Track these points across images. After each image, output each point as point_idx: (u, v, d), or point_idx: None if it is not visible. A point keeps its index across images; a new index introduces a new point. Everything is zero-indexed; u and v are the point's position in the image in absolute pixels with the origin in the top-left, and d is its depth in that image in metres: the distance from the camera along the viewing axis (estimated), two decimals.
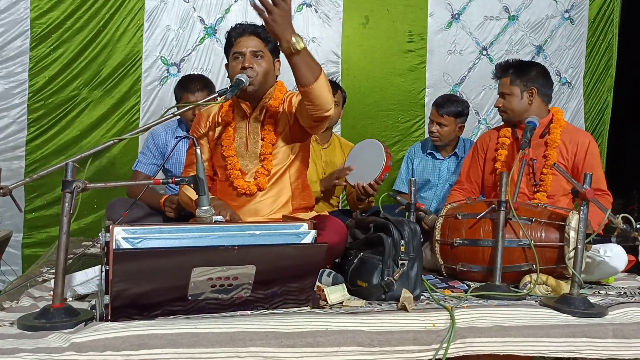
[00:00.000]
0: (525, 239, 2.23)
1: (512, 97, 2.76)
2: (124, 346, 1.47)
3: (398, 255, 1.98)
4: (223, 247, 1.64)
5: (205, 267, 1.62)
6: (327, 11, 4.20)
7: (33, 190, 3.77)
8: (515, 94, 2.75)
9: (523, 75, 2.76)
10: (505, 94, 2.78)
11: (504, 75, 2.81)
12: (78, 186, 1.64)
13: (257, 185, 2.33)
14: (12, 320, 1.64)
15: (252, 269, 1.68)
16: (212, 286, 1.67)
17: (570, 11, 4.55)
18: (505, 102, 2.78)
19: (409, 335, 1.66)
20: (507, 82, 2.78)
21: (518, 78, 2.76)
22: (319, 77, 2.03)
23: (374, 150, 2.86)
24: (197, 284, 1.65)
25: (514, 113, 2.77)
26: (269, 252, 1.72)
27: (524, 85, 2.75)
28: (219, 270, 1.64)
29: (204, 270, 1.63)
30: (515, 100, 2.75)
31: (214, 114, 2.43)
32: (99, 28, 3.82)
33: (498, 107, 2.83)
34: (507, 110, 2.79)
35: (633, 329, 1.77)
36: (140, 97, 3.92)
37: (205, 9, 4.02)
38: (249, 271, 1.68)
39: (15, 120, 3.74)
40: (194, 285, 1.65)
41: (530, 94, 2.74)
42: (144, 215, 2.74)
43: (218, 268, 1.64)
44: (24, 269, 3.69)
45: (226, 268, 1.65)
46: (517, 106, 2.76)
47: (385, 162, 2.75)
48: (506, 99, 2.78)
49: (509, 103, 2.77)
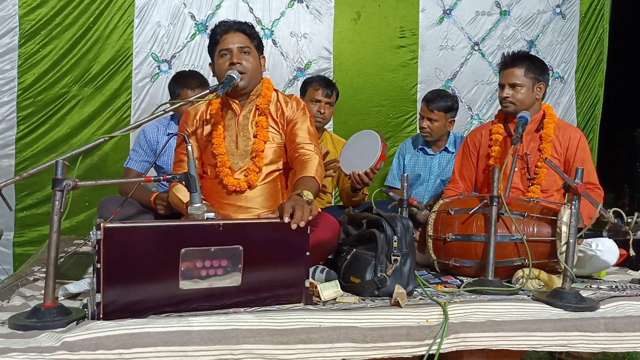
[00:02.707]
0: (517, 233, 2.24)
1: (523, 89, 2.69)
2: (116, 345, 1.47)
3: (391, 251, 1.98)
4: (209, 223, 1.71)
5: (193, 248, 1.65)
6: (319, 7, 4.19)
7: (23, 189, 3.74)
8: (527, 86, 2.69)
9: (537, 68, 2.72)
10: (517, 84, 2.70)
11: (517, 65, 2.72)
12: (68, 184, 1.63)
13: (247, 182, 2.31)
14: (3, 320, 1.63)
15: (240, 250, 1.70)
16: (202, 275, 1.68)
17: (562, 6, 4.56)
18: (514, 93, 2.70)
19: (402, 330, 1.67)
20: (520, 72, 2.70)
21: (532, 70, 2.71)
22: (319, 188, 2.19)
23: (370, 140, 2.86)
24: (187, 272, 1.66)
25: (521, 105, 2.70)
26: (253, 229, 1.76)
27: (536, 78, 2.71)
28: (207, 251, 1.67)
29: (192, 251, 1.65)
30: (527, 93, 2.70)
31: (201, 112, 2.41)
32: (89, 24, 3.80)
33: (505, 98, 2.72)
34: (515, 102, 2.70)
35: (625, 322, 1.78)
36: (131, 94, 3.90)
37: (196, 5, 4.00)
38: (237, 252, 1.70)
39: (5, 118, 3.71)
40: (184, 270, 1.65)
41: (540, 89, 2.73)
42: (135, 213, 2.72)
43: (206, 249, 1.66)
44: (15, 267, 3.67)
45: (214, 248, 1.67)
46: (527, 99, 2.70)
47: (381, 151, 2.76)
48: (516, 90, 2.70)
49: (518, 94, 2.70)
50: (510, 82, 2.72)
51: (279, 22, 4.14)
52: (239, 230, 1.74)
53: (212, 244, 1.68)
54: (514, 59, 2.75)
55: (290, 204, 1.83)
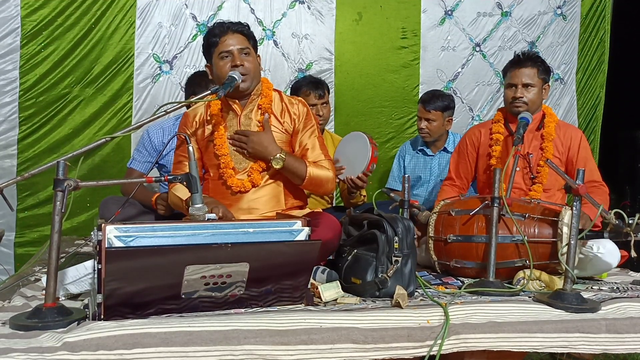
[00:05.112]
0: (518, 234, 2.24)
1: (535, 89, 2.70)
2: (117, 345, 1.47)
3: (392, 252, 1.98)
4: (216, 244, 1.63)
5: (199, 265, 1.62)
6: (320, 8, 4.19)
7: (25, 189, 3.74)
8: (538, 87, 2.71)
9: (545, 70, 2.74)
10: (530, 85, 2.70)
11: (531, 65, 2.72)
12: (70, 185, 1.63)
13: (251, 181, 2.32)
14: (4, 320, 1.63)
15: (246, 266, 1.67)
16: (205, 284, 1.67)
17: (563, 7, 4.56)
18: (526, 93, 2.69)
19: (403, 331, 1.66)
20: (533, 72, 2.70)
21: (542, 71, 2.72)
22: (304, 179, 2.31)
23: (359, 143, 2.87)
24: (190, 282, 1.64)
25: (532, 105, 2.71)
26: (262, 249, 1.71)
27: (545, 79, 2.73)
28: (213, 268, 1.64)
29: (197, 268, 1.62)
30: (537, 93, 2.71)
31: (200, 114, 2.41)
32: (90, 25, 3.80)
33: (518, 98, 2.70)
34: (528, 102, 2.69)
35: (626, 323, 1.78)
36: (133, 95, 3.90)
37: (197, 5, 4.00)
38: (243, 269, 1.68)
39: (7, 119, 3.71)
40: (187, 283, 1.64)
41: (545, 90, 2.75)
42: (137, 214, 2.72)
43: (211, 266, 1.63)
44: (17, 268, 3.67)
45: (219, 266, 1.64)
46: (538, 99, 2.72)
47: (371, 154, 2.76)
48: (528, 90, 2.70)
49: (530, 94, 2.70)
50: (524, 82, 2.71)
51: (280, 23, 4.14)
52: (246, 249, 1.68)
53: (218, 262, 1.64)
54: (527, 59, 2.74)
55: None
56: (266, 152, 2.28)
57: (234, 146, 2.33)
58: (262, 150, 2.28)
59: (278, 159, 2.27)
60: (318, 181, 2.35)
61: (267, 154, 2.28)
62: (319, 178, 2.34)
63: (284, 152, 2.29)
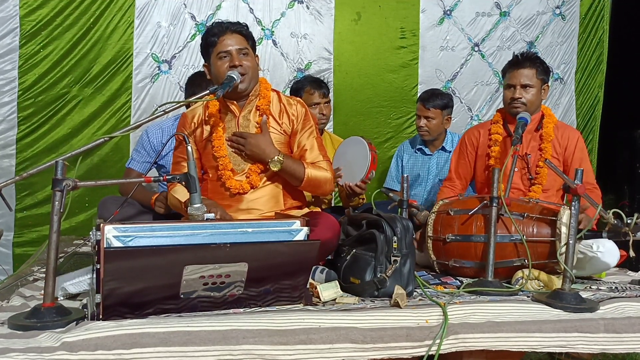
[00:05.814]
0: (517, 234, 2.24)
1: (533, 90, 2.70)
2: (116, 345, 1.47)
3: (390, 251, 1.98)
4: (215, 244, 1.63)
5: (197, 265, 1.62)
6: (319, 8, 4.19)
7: (24, 189, 3.74)
8: (537, 87, 2.70)
9: (544, 70, 2.73)
10: (529, 85, 2.69)
11: (529, 66, 2.71)
12: (68, 184, 1.63)
13: (249, 183, 2.32)
14: (3, 320, 1.63)
15: (245, 266, 1.67)
16: (204, 284, 1.67)
17: (561, 7, 4.56)
18: (525, 94, 2.69)
19: (401, 331, 1.66)
20: (532, 73, 2.70)
21: (541, 72, 2.72)
22: (303, 180, 2.32)
23: (359, 149, 2.84)
24: (189, 282, 1.64)
25: (531, 106, 2.70)
26: (261, 249, 1.71)
27: (544, 80, 2.73)
28: (211, 268, 1.64)
29: (196, 268, 1.62)
30: (536, 94, 2.71)
31: (198, 115, 2.40)
32: (89, 25, 3.79)
33: (517, 99, 2.69)
34: (526, 103, 2.69)
35: (624, 323, 1.78)
36: (132, 95, 3.90)
37: (196, 5, 4.00)
38: (242, 269, 1.68)
39: (5, 119, 3.71)
40: (186, 283, 1.64)
41: (544, 90, 2.75)
42: (135, 213, 2.72)
43: (210, 266, 1.63)
44: (15, 268, 3.66)
45: (218, 266, 1.64)
46: (537, 100, 2.72)
47: (370, 161, 2.75)
48: (527, 91, 2.69)
49: (529, 95, 2.69)
50: (522, 83, 2.70)
51: (279, 23, 4.14)
52: (245, 249, 1.68)
53: (217, 262, 1.63)
54: (525, 60, 2.73)
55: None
56: (264, 154, 2.28)
57: (232, 148, 2.33)
58: (259, 153, 2.28)
59: (276, 161, 2.27)
60: (316, 182, 2.35)
61: (264, 157, 2.28)
62: (317, 179, 2.34)
63: (282, 154, 2.29)
